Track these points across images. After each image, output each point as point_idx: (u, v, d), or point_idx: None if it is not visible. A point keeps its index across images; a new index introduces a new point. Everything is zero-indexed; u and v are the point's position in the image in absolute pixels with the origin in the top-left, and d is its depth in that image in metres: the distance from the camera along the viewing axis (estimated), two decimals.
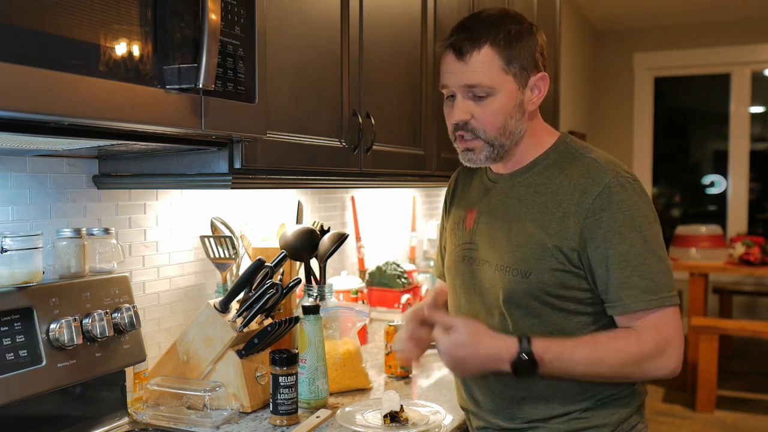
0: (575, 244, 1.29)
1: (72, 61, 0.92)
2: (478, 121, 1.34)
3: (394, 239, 2.99)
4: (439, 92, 1.40)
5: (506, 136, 1.36)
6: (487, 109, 1.33)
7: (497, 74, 1.32)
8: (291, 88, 1.52)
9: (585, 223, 1.29)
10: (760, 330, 4.40)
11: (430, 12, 2.16)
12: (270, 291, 1.56)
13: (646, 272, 1.27)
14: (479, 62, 1.31)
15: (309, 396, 1.57)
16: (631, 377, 1.32)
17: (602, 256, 1.28)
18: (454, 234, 1.51)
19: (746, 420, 4.25)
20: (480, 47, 1.31)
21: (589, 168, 1.33)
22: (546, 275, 1.31)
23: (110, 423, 1.47)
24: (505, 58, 1.32)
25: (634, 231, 1.27)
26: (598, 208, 1.28)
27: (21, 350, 1.25)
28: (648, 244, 1.27)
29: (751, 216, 6.26)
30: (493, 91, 1.32)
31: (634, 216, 1.28)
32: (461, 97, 1.35)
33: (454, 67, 1.34)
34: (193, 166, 1.42)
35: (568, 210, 1.31)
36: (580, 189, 1.31)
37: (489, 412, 1.42)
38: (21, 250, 1.28)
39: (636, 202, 1.29)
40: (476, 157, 1.38)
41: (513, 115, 1.35)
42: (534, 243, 1.32)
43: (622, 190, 1.29)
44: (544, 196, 1.35)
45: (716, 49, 6.13)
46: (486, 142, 1.36)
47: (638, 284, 1.26)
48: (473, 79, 1.32)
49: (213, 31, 1.09)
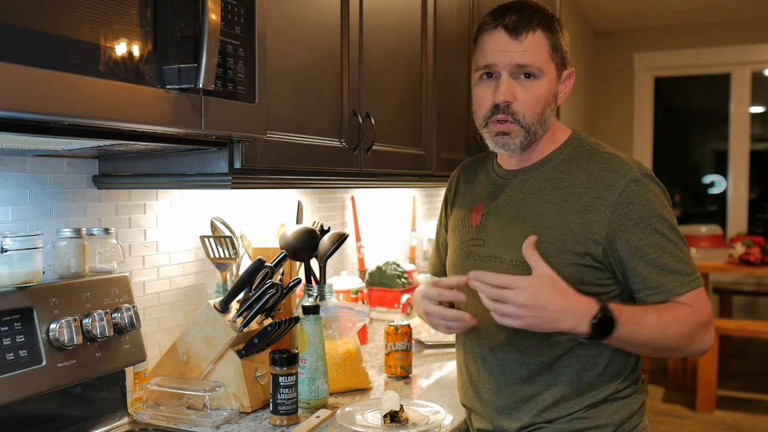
0: (600, 237, 1.30)
1: (72, 61, 0.92)
2: (521, 103, 1.35)
3: (394, 239, 2.99)
4: (439, 92, 1.40)
5: (541, 123, 1.37)
6: (532, 92, 1.34)
7: (546, 58, 1.35)
8: (291, 88, 1.52)
9: (613, 216, 1.30)
10: (760, 330, 4.39)
11: (430, 12, 2.16)
12: (270, 291, 1.56)
13: (680, 257, 1.31)
14: (532, 43, 1.33)
15: (309, 396, 1.57)
16: (682, 350, 1.33)
17: (634, 247, 1.30)
18: (458, 231, 1.51)
19: (746, 420, 4.25)
20: (534, 29, 1.33)
21: (611, 162, 1.35)
22: (565, 270, 1.30)
23: (110, 423, 1.47)
24: (551, 44, 1.36)
25: (662, 220, 1.31)
26: (626, 201, 1.30)
27: (21, 350, 1.25)
28: (676, 232, 1.33)
29: (751, 216, 6.26)
30: (541, 74, 1.34)
31: (660, 207, 1.32)
32: (507, 78, 1.35)
33: (506, 45, 1.34)
34: (193, 166, 1.42)
35: (590, 204, 1.32)
36: (604, 183, 1.32)
37: (495, 411, 1.41)
38: (21, 250, 1.27)
39: (659, 194, 1.34)
40: (512, 142, 1.38)
41: (550, 104, 1.37)
42: (553, 237, 1.32)
43: (649, 182, 1.33)
44: (562, 190, 1.36)
45: (716, 49, 6.12)
46: (523, 128, 1.36)
47: (677, 269, 1.30)
48: (526, 59, 1.33)
49: (213, 31, 1.09)
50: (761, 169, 6.35)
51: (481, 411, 1.45)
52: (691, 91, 6.97)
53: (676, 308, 1.29)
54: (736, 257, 4.67)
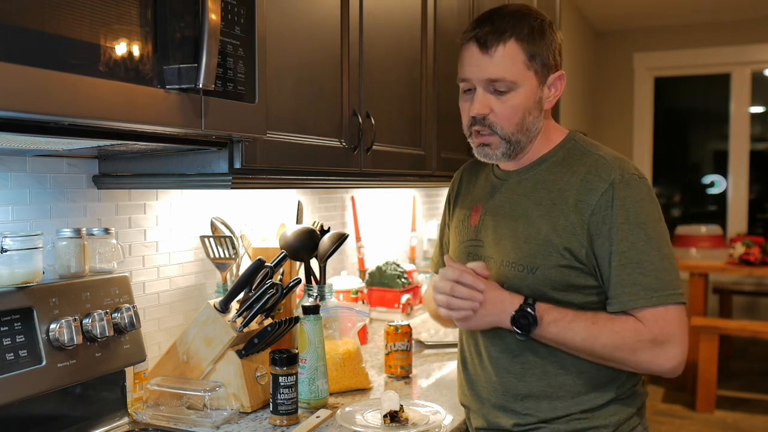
0: (583, 240, 1.30)
1: (72, 61, 0.92)
2: (497, 116, 1.34)
3: (394, 239, 2.99)
4: (439, 92, 1.40)
5: (523, 132, 1.36)
6: (507, 104, 1.34)
7: (520, 69, 1.33)
8: (291, 88, 1.52)
9: (591, 219, 1.29)
10: (760, 330, 4.39)
11: (430, 12, 2.16)
12: (270, 291, 1.56)
13: (649, 269, 1.26)
14: (503, 56, 1.32)
15: (309, 396, 1.57)
16: (625, 363, 1.30)
17: (606, 252, 1.29)
18: (459, 231, 1.51)
19: (746, 420, 4.25)
20: (505, 41, 1.32)
21: (597, 165, 1.34)
22: (552, 271, 1.31)
23: (110, 423, 1.47)
24: (528, 54, 1.33)
25: (638, 228, 1.27)
26: (604, 205, 1.29)
27: (21, 350, 1.25)
28: (652, 242, 1.27)
29: (751, 216, 6.25)
30: (514, 86, 1.33)
31: (638, 213, 1.28)
32: (482, 91, 1.35)
33: (477, 60, 1.34)
34: (193, 166, 1.42)
35: (575, 206, 1.31)
36: (587, 185, 1.31)
37: (492, 409, 1.42)
38: (21, 250, 1.27)
39: (641, 200, 1.30)
40: (492, 153, 1.38)
41: (531, 111, 1.36)
42: (541, 239, 1.33)
43: (626, 187, 1.29)
44: (552, 192, 1.35)
45: (716, 49, 6.12)
46: (503, 139, 1.36)
47: (639, 281, 1.26)
48: (497, 73, 1.32)
49: (213, 31, 1.09)
50: (761, 169, 6.35)
51: (477, 409, 1.45)
52: (691, 91, 6.97)
53: (618, 321, 1.27)
54: (736, 257, 4.67)
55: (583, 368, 1.35)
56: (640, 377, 1.43)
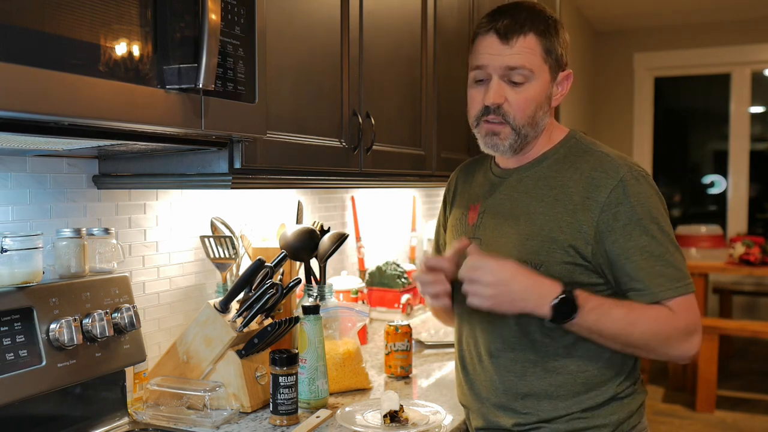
0: (589, 237, 1.30)
1: (72, 61, 0.92)
2: (511, 105, 1.35)
3: (394, 239, 2.99)
4: (439, 92, 1.41)
5: (532, 125, 1.37)
6: (522, 95, 1.35)
7: (538, 61, 1.35)
8: (291, 88, 1.52)
9: (601, 216, 1.30)
10: (760, 330, 4.39)
11: (430, 12, 2.16)
12: (270, 291, 1.56)
13: (669, 261, 1.30)
14: (523, 47, 1.34)
15: (309, 396, 1.57)
16: (655, 351, 1.32)
17: (622, 248, 1.29)
18: (456, 230, 1.51)
19: (746, 420, 4.25)
20: (525, 33, 1.34)
21: (602, 162, 1.35)
22: (556, 268, 1.31)
23: (110, 423, 1.47)
24: (545, 48, 1.35)
25: (653, 223, 1.30)
26: (615, 202, 1.30)
27: (21, 350, 1.25)
28: (666, 235, 1.31)
29: (751, 216, 6.25)
30: (531, 76, 1.34)
31: (650, 209, 1.31)
32: (497, 80, 1.35)
33: (497, 48, 1.34)
34: (193, 166, 1.42)
35: (581, 203, 1.32)
36: (594, 183, 1.32)
37: (492, 408, 1.41)
38: (21, 250, 1.27)
39: (651, 195, 1.32)
40: (501, 143, 1.38)
41: (542, 106, 1.37)
42: (545, 235, 1.33)
43: (637, 183, 1.31)
44: (555, 189, 1.36)
45: (716, 49, 6.12)
46: (513, 129, 1.36)
47: (664, 273, 1.29)
48: (517, 61, 1.33)
49: (213, 31, 1.09)
50: (761, 169, 6.35)
51: (477, 408, 1.45)
52: (691, 91, 6.97)
53: (653, 309, 1.29)
54: (736, 257, 4.67)
55: (583, 367, 1.35)
56: (639, 376, 1.43)
